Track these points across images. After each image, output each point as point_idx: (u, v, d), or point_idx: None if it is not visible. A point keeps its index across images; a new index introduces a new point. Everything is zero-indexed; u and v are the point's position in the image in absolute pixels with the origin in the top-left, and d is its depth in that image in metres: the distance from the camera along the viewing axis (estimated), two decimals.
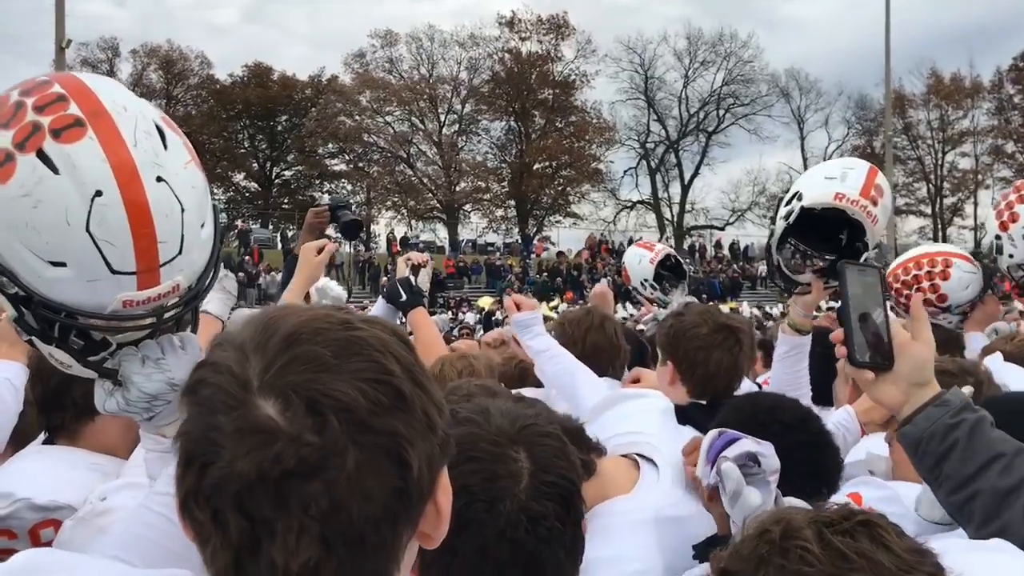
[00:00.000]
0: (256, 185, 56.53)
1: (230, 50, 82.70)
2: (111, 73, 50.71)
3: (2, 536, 2.14)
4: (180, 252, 1.39)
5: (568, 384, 3.09)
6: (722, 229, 57.43)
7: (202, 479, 0.84)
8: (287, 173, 58.55)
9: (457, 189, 54.53)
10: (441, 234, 52.96)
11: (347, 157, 56.07)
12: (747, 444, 1.68)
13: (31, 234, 1.30)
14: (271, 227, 48.71)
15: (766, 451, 1.68)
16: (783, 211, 3.12)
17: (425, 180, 55.16)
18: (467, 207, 55.79)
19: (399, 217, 54.64)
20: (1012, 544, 1.44)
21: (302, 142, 55.42)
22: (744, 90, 58.43)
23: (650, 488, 2.00)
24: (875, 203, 2.99)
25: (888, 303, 1.79)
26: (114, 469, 2.28)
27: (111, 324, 1.41)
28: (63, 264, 1.32)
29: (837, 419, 2.56)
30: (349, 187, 54.85)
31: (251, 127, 56.36)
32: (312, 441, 0.81)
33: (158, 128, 1.40)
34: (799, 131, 59.66)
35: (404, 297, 3.48)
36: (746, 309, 26.58)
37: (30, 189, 1.28)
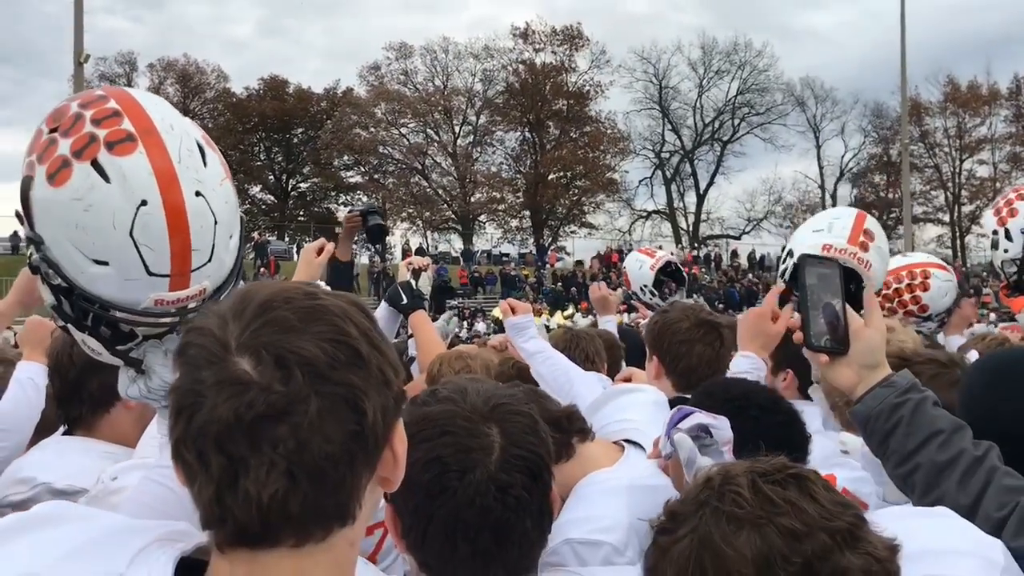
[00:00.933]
0: (272, 197, 56.94)
1: (246, 64, 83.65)
2: (128, 87, 51.10)
3: None
4: (210, 260, 1.54)
5: (564, 383, 3.21)
6: (738, 238, 57.46)
7: (189, 425, 0.97)
8: (303, 185, 58.97)
9: (472, 200, 54.74)
10: (456, 245, 53.19)
11: (362, 169, 56.47)
12: (700, 417, 1.80)
13: (80, 234, 1.46)
14: (287, 239, 49.07)
15: (719, 424, 1.79)
16: (780, 269, 3.24)
17: (440, 191, 55.41)
18: (482, 218, 56.02)
19: (414, 228, 54.95)
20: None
21: (318, 154, 55.81)
22: (759, 99, 58.57)
23: (632, 465, 2.14)
24: (865, 248, 3.08)
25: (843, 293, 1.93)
26: (125, 457, 2.40)
27: (140, 319, 1.55)
28: (105, 263, 1.47)
29: (744, 367, 2.66)
30: (364, 199, 55.07)
31: (267, 140, 56.82)
32: (279, 390, 0.94)
33: (199, 146, 1.55)
34: (815, 140, 59.72)
35: (405, 300, 3.60)
36: None
37: (83, 194, 1.44)
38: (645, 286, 6.25)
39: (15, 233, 40.48)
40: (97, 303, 1.52)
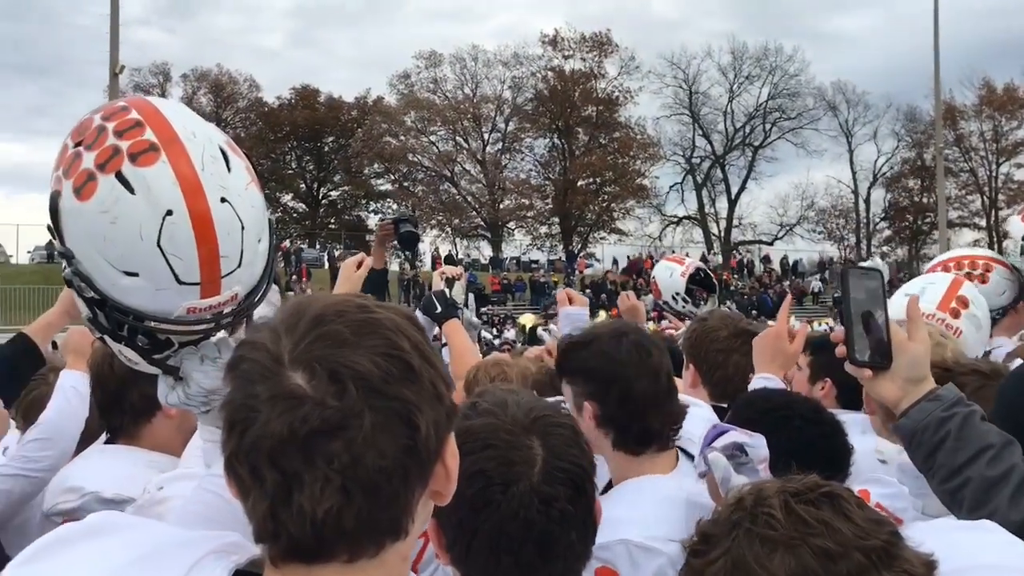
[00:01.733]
0: (303, 206, 57.32)
1: (278, 73, 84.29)
2: (162, 97, 51.79)
3: None
4: (239, 265, 1.55)
5: None
6: (770, 244, 56.86)
7: (242, 440, 0.97)
8: (333, 193, 59.29)
9: (501, 207, 54.73)
10: (485, 251, 53.21)
11: (392, 177, 56.61)
12: (735, 435, 1.80)
13: (108, 246, 1.47)
14: (318, 247, 49.40)
15: (754, 442, 1.79)
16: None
17: (469, 198, 55.47)
18: (511, 224, 55.99)
19: (443, 235, 55.06)
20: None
21: (348, 163, 56.12)
22: (790, 104, 57.91)
23: (686, 475, 2.14)
24: (956, 315, 3.02)
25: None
26: (170, 466, 2.46)
27: (175, 327, 1.57)
28: (136, 274, 1.48)
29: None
30: (394, 206, 55.32)
31: (298, 148, 57.19)
32: (334, 405, 0.95)
33: (223, 152, 1.56)
34: (847, 144, 58.96)
35: (439, 309, 3.61)
36: (795, 325, 26.25)
37: (109, 207, 1.45)
38: (677, 294, 6.21)
39: (51, 242, 41.06)
40: (131, 314, 1.53)
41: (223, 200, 1.50)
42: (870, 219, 60.19)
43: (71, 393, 2.63)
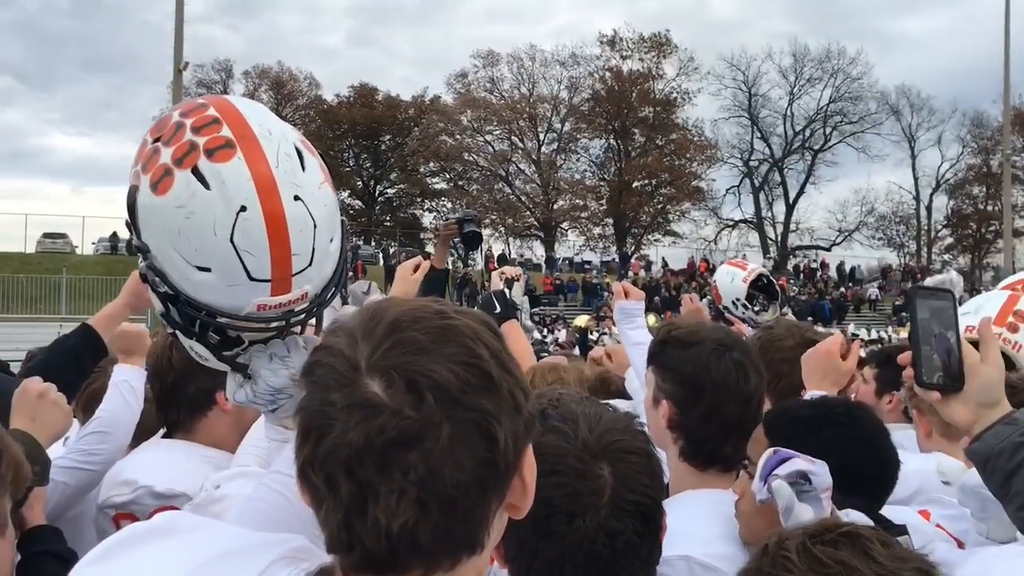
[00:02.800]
0: (360, 203, 58.04)
1: (337, 71, 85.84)
2: (224, 93, 52.72)
3: (126, 519, 2.35)
4: (311, 264, 1.53)
5: None
6: (828, 249, 56.09)
7: (317, 448, 0.94)
8: (390, 191, 59.98)
9: (555, 207, 54.76)
10: (538, 252, 53.25)
11: (447, 176, 57.09)
12: (799, 463, 1.72)
13: (183, 241, 1.47)
14: (373, 244, 49.91)
15: (817, 469, 1.72)
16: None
17: (523, 198, 55.60)
18: (564, 225, 55.96)
19: (497, 235, 55.23)
20: None
21: (404, 161, 56.69)
22: (852, 107, 57.17)
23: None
24: (1014, 329, 2.92)
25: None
26: (224, 462, 2.46)
27: (245, 324, 1.56)
28: (208, 269, 1.48)
29: None
30: (449, 205, 55.77)
31: (356, 146, 57.97)
32: (411, 415, 0.92)
33: (297, 151, 1.54)
34: (910, 150, 58.02)
35: (498, 309, 3.58)
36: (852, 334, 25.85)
37: (184, 201, 1.45)
38: (738, 299, 6.08)
39: (115, 234, 42.28)
40: (203, 310, 1.53)
41: (296, 198, 1.49)
42: (931, 226, 59.10)
43: (124, 388, 2.64)
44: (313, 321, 1.70)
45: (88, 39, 76.01)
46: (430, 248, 46.06)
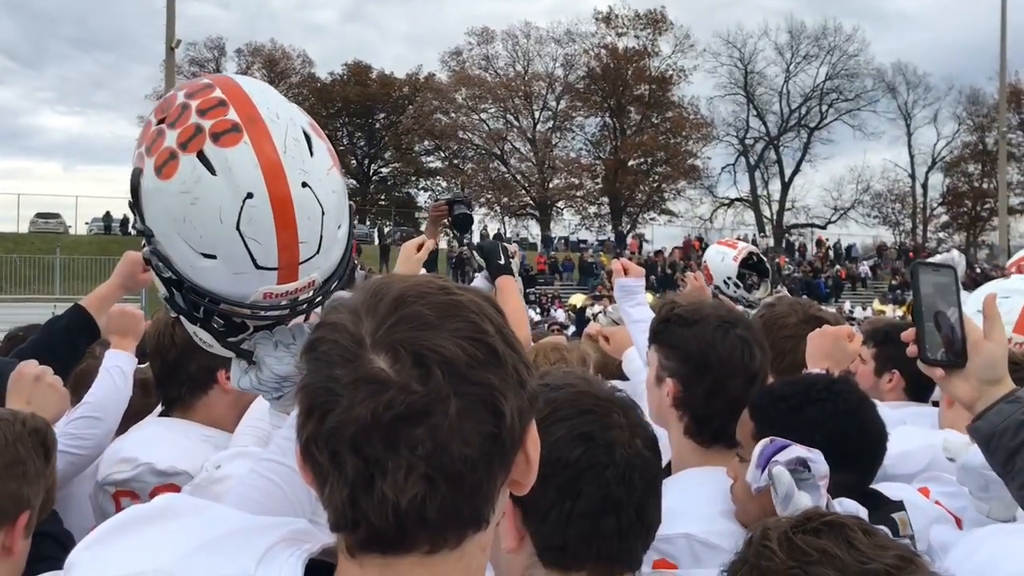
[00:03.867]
0: (354, 182, 57.83)
1: (330, 49, 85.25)
2: (217, 71, 52.64)
3: (126, 496, 2.36)
4: (318, 252, 1.50)
5: None
6: (823, 228, 56.12)
7: (321, 425, 0.93)
8: (384, 170, 59.79)
9: (550, 186, 54.67)
10: (533, 231, 53.23)
11: (442, 154, 56.95)
12: (797, 450, 1.73)
13: (188, 227, 1.44)
14: (368, 223, 49.81)
15: (815, 457, 1.72)
16: None
17: (519, 177, 55.49)
18: (560, 204, 55.91)
19: (492, 214, 55.16)
20: None
21: (399, 139, 56.50)
22: (848, 85, 57.02)
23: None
24: None
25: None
26: (223, 441, 2.45)
27: (250, 312, 1.54)
28: (214, 256, 1.45)
29: None
30: (444, 184, 55.66)
31: (350, 125, 57.72)
32: (418, 390, 0.91)
33: (306, 135, 1.51)
34: (906, 127, 57.98)
35: (501, 260, 3.46)
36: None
37: (190, 187, 1.41)
38: (729, 279, 6.09)
39: (108, 213, 42.14)
40: (207, 296, 1.51)
41: (304, 184, 1.46)
42: (927, 204, 59.11)
43: (116, 373, 2.63)
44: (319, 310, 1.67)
45: (79, 17, 75.46)
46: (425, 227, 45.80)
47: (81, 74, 76.04)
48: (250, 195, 1.41)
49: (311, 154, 1.50)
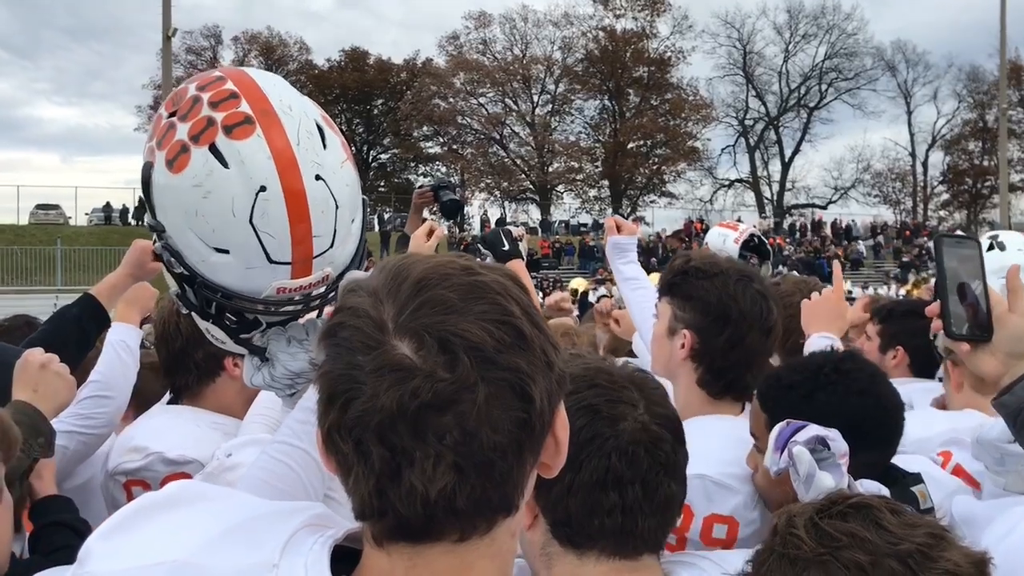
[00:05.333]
0: None
1: (326, 35, 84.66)
2: (214, 59, 52.49)
3: (137, 486, 2.35)
4: (332, 245, 1.49)
5: (650, 316, 3.12)
6: (824, 208, 55.97)
7: (344, 413, 0.90)
8: (383, 156, 59.63)
9: (550, 170, 54.54)
10: (534, 215, 53.09)
11: (441, 139, 56.73)
12: (815, 429, 1.71)
13: (200, 221, 1.42)
14: (368, 210, 49.66)
15: (834, 435, 1.70)
16: None
17: (518, 161, 55.34)
18: (560, 188, 55.77)
19: (492, 199, 55.03)
20: None
21: (397, 125, 56.26)
22: (847, 64, 56.80)
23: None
24: None
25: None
26: (233, 428, 2.44)
27: (263, 307, 1.52)
28: (226, 251, 1.43)
29: (823, 347, 2.50)
30: (443, 169, 55.52)
31: (348, 111, 57.45)
32: (445, 377, 0.88)
33: (319, 128, 1.49)
34: (906, 105, 57.72)
35: (506, 246, 3.47)
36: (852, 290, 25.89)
37: (202, 180, 1.39)
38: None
39: (108, 204, 42.07)
40: (220, 292, 1.49)
41: (318, 177, 1.44)
42: (927, 182, 58.98)
43: (120, 347, 2.60)
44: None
45: (74, 6, 75.01)
46: (425, 213, 45.70)
47: (77, 64, 75.82)
48: (263, 188, 1.39)
49: (324, 147, 1.48)
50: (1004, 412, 1.69)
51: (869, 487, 1.73)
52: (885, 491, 1.73)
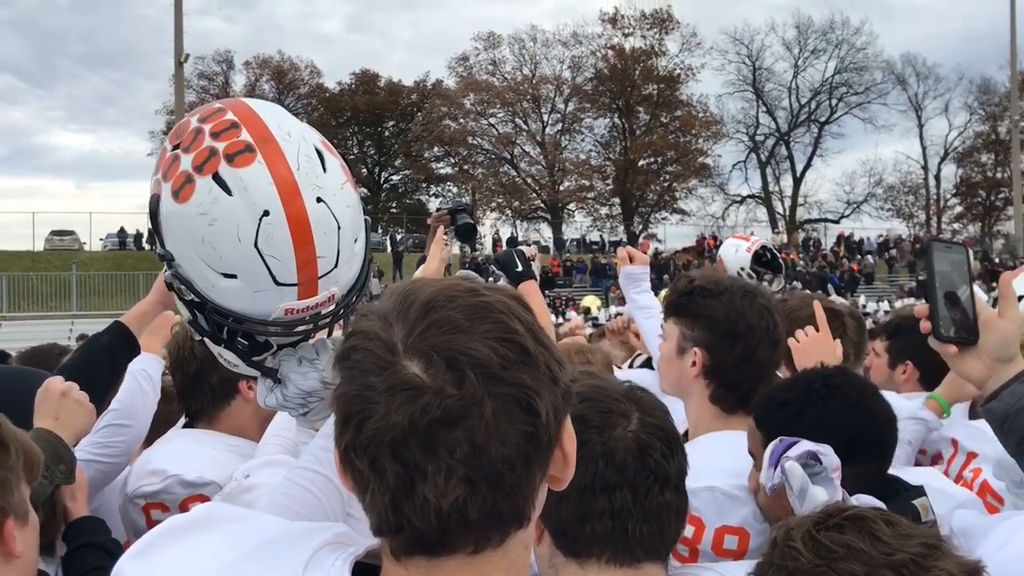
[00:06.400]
0: (365, 190, 57.84)
1: (337, 58, 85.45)
2: (226, 84, 52.95)
3: (156, 508, 2.38)
4: (336, 265, 1.52)
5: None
6: (837, 222, 55.81)
7: (360, 433, 0.95)
8: (395, 178, 59.93)
9: (561, 188, 54.58)
10: (546, 234, 53.14)
11: (452, 160, 56.92)
12: (807, 445, 1.73)
13: (207, 249, 1.46)
14: (380, 231, 49.88)
15: (825, 450, 1.72)
16: None
17: (529, 180, 55.44)
18: (571, 206, 55.80)
19: (504, 218, 55.14)
20: None
21: (408, 147, 56.53)
22: (858, 78, 56.69)
23: None
24: None
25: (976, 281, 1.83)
26: (249, 450, 2.48)
27: (273, 329, 1.56)
28: (234, 276, 1.47)
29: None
30: (455, 189, 55.69)
31: (360, 134, 57.81)
32: (453, 393, 0.92)
33: (318, 152, 1.54)
34: (917, 119, 57.53)
35: (520, 267, 3.47)
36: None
37: (207, 208, 1.44)
38: (742, 269, 6.11)
39: (122, 229, 42.37)
40: (230, 316, 1.52)
41: (319, 200, 1.48)
42: (940, 195, 58.74)
43: (141, 376, 2.64)
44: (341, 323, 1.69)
45: (87, 35, 75.94)
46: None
47: (91, 92, 76.64)
48: (266, 213, 1.43)
49: (324, 170, 1.52)
50: (991, 418, 1.71)
51: (865, 501, 1.74)
52: (881, 505, 1.74)
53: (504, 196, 54.61)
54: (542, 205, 55.12)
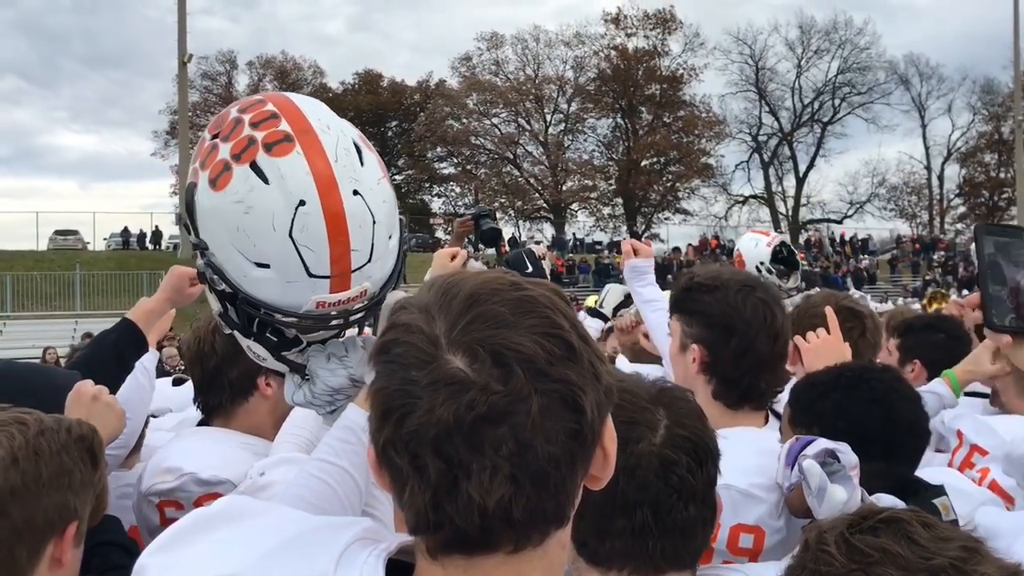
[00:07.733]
0: None
1: (340, 58, 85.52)
2: (229, 84, 53.01)
3: (170, 506, 2.37)
4: (370, 260, 1.51)
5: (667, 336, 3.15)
6: (840, 222, 55.79)
7: (400, 428, 0.92)
8: (398, 177, 59.76)
9: (564, 188, 54.60)
10: (548, 233, 53.11)
11: (455, 160, 56.97)
12: (824, 443, 1.71)
13: (241, 237, 1.46)
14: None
15: (843, 448, 1.70)
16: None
17: (532, 180, 55.46)
18: (574, 206, 55.81)
19: (506, 218, 55.09)
20: None
21: (412, 147, 56.57)
22: (861, 78, 56.67)
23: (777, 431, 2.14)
24: None
25: None
26: (263, 449, 2.45)
27: (303, 323, 1.54)
28: (267, 266, 1.46)
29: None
30: (457, 189, 55.80)
31: (363, 133, 57.61)
32: (499, 389, 0.90)
33: (356, 146, 1.54)
34: (920, 119, 57.52)
35: (530, 268, 3.49)
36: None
37: (243, 196, 1.44)
38: (761, 263, 6.12)
39: (126, 229, 42.41)
40: (261, 308, 1.51)
41: (355, 192, 1.47)
42: (944, 195, 58.72)
43: (138, 370, 2.64)
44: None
45: (90, 36, 76.08)
46: (440, 234, 46.08)
47: (94, 92, 76.74)
48: (302, 203, 1.42)
49: (362, 164, 1.52)
50: None
51: (885, 501, 1.73)
52: (901, 504, 1.72)
53: (507, 196, 54.62)
54: (545, 205, 55.13)
